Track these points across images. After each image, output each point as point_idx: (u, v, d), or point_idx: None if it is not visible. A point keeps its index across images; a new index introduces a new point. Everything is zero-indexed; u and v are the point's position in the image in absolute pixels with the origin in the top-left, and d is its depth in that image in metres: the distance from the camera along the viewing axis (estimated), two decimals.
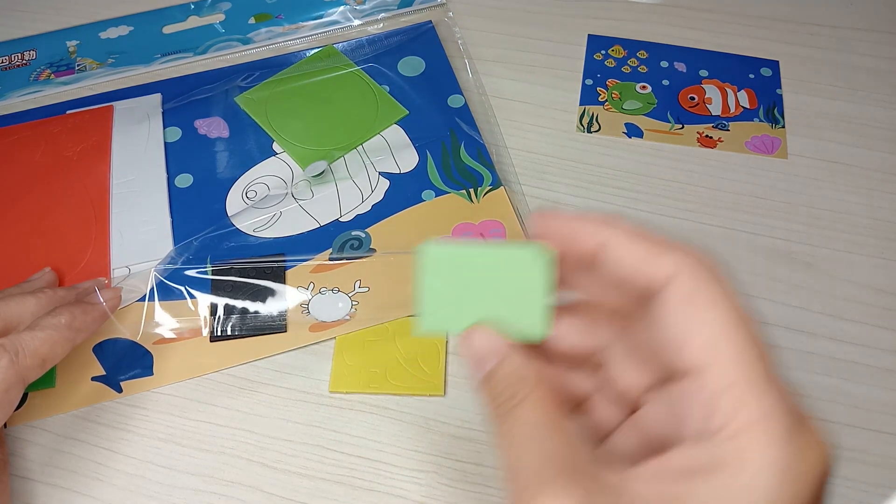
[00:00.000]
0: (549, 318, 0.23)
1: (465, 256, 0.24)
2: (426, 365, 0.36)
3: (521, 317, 0.23)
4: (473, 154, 0.42)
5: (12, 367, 0.29)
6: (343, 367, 0.36)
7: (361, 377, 0.35)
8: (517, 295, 0.23)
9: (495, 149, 0.43)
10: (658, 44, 0.48)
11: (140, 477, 0.33)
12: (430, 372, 0.35)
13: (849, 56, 0.47)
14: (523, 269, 0.23)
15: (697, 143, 0.44)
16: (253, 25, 0.49)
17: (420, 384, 0.35)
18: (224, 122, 0.45)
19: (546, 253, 0.22)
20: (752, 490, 0.17)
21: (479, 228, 0.40)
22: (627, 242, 0.20)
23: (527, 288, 0.23)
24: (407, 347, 0.36)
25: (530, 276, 0.23)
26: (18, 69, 0.48)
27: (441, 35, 0.48)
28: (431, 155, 0.43)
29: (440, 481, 0.33)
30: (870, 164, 0.43)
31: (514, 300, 0.23)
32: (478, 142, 0.43)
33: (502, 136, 0.44)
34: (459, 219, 0.40)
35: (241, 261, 0.38)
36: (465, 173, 0.42)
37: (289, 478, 0.33)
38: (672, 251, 0.20)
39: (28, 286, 0.36)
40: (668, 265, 0.19)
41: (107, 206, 0.41)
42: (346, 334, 0.36)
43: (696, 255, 0.20)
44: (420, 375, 0.35)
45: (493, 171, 0.42)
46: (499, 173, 0.42)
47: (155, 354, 0.36)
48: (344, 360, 0.36)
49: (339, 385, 0.35)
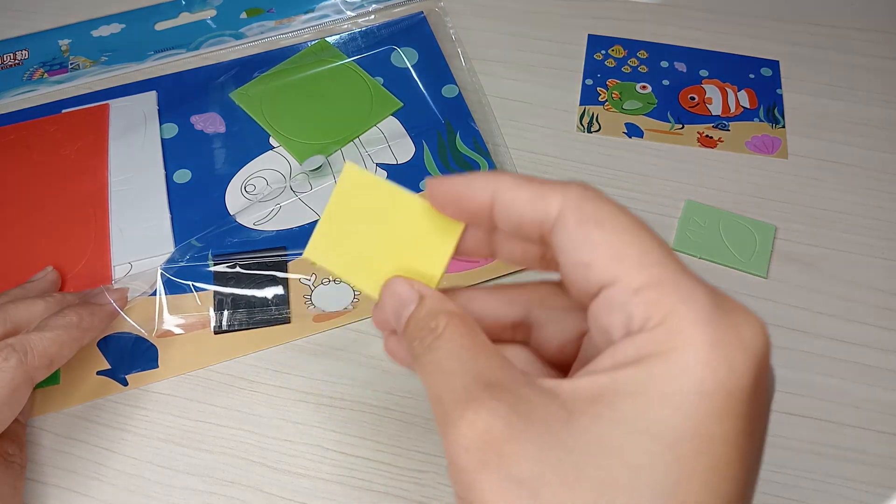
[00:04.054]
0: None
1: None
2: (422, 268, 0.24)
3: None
4: (469, 143, 0.43)
5: (21, 366, 0.29)
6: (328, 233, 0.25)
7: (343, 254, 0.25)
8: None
9: (493, 146, 0.43)
10: (658, 44, 0.48)
11: (139, 477, 0.33)
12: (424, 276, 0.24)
13: (849, 56, 0.48)
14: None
15: (698, 143, 0.44)
16: (245, 20, 0.49)
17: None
18: (220, 117, 0.45)
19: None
20: (687, 370, 0.17)
21: None
22: (514, 188, 0.20)
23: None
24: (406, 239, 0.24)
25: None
26: (11, 69, 0.48)
27: (433, 25, 0.48)
28: (428, 145, 0.43)
29: (440, 481, 0.33)
30: (870, 164, 0.43)
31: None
32: (473, 130, 0.43)
33: (499, 127, 0.44)
34: None
35: (244, 254, 0.38)
36: (462, 162, 0.42)
37: (288, 478, 0.33)
38: (557, 187, 0.20)
39: (32, 286, 0.36)
40: (555, 199, 0.19)
41: (105, 204, 0.41)
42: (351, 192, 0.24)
43: (580, 185, 0.20)
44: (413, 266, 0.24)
45: (490, 158, 0.42)
46: (495, 161, 0.42)
47: (160, 347, 0.36)
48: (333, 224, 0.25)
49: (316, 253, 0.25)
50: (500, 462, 0.17)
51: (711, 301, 0.17)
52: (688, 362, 0.17)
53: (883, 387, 0.36)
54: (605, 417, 0.17)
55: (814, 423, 0.35)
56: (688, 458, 0.16)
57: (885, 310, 0.38)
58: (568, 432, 0.17)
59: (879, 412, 0.35)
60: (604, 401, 0.17)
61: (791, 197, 0.42)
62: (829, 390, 0.35)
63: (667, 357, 0.17)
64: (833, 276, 0.39)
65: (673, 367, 0.17)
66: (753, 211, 0.41)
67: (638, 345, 0.18)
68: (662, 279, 0.18)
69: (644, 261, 0.18)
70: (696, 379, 0.16)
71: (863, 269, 0.39)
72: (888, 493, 0.33)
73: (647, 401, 0.17)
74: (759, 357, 0.17)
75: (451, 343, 0.20)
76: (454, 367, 0.20)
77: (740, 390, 0.17)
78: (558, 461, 0.17)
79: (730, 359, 0.17)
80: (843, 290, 0.38)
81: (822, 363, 0.36)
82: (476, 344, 0.20)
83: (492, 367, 0.19)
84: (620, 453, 0.16)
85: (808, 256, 0.40)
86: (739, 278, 0.38)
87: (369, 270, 0.24)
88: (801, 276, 0.39)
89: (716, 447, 0.16)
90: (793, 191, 0.42)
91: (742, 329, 0.17)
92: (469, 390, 0.19)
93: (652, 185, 0.42)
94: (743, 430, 0.17)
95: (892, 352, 0.37)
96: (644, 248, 0.18)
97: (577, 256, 0.19)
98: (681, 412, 0.16)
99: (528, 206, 0.20)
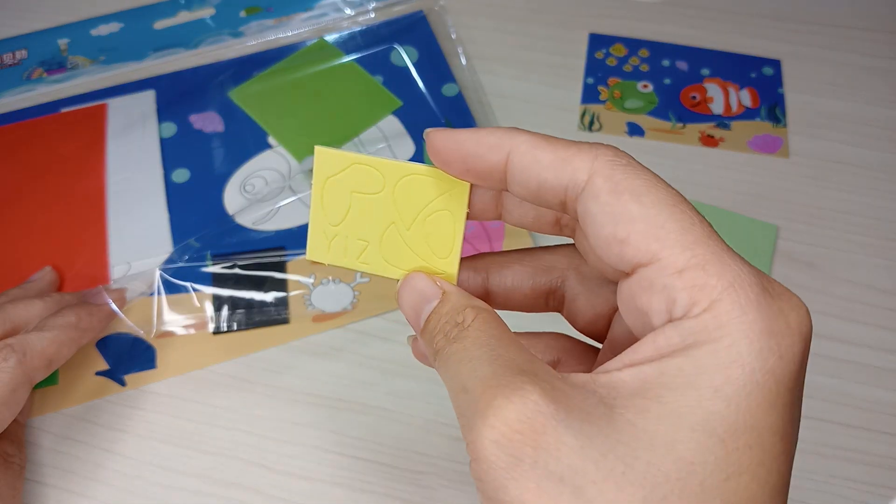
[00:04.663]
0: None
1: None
2: (435, 241, 0.23)
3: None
4: None
5: (20, 367, 0.29)
6: (323, 227, 0.23)
7: (347, 245, 0.23)
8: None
9: None
10: (660, 42, 0.48)
11: (138, 478, 0.33)
12: (439, 250, 0.22)
13: (851, 55, 0.47)
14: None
15: (699, 142, 0.44)
16: (244, 19, 0.49)
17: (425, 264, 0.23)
18: (219, 116, 0.45)
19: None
20: (738, 360, 0.16)
21: None
22: (534, 149, 0.18)
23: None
24: (409, 211, 0.22)
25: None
26: (10, 68, 0.47)
27: (433, 24, 0.48)
28: None
29: (440, 483, 0.33)
30: (871, 164, 0.43)
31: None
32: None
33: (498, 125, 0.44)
34: None
35: (242, 255, 0.38)
36: None
37: (287, 479, 0.33)
38: (584, 149, 0.18)
39: (30, 286, 0.36)
40: (583, 164, 0.18)
41: (104, 203, 0.41)
42: (332, 177, 0.22)
43: (611, 148, 0.18)
44: (425, 254, 0.23)
45: None
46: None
47: (158, 348, 0.36)
48: (325, 217, 0.23)
49: (319, 252, 0.23)
50: (537, 456, 0.16)
51: (759, 285, 0.16)
52: (738, 352, 0.16)
53: (884, 387, 0.35)
54: (653, 411, 0.16)
55: (815, 423, 0.34)
56: (739, 452, 0.15)
57: (886, 310, 0.38)
58: (611, 426, 0.16)
59: (881, 412, 0.35)
60: (650, 394, 0.16)
61: (792, 196, 0.41)
62: (830, 390, 0.35)
63: (716, 346, 0.16)
64: (834, 276, 0.39)
65: (723, 357, 0.16)
66: (755, 211, 0.41)
67: (683, 332, 0.16)
68: (707, 260, 0.16)
69: (686, 239, 0.17)
70: (748, 369, 0.16)
71: (864, 268, 0.39)
72: (890, 494, 0.33)
73: (697, 393, 0.16)
74: (805, 343, 0.16)
75: (480, 332, 0.18)
76: (482, 354, 0.18)
77: (788, 378, 0.16)
78: (602, 456, 0.15)
79: (779, 346, 0.16)
80: (844, 290, 0.38)
81: (823, 363, 0.36)
82: (506, 335, 0.18)
83: (524, 357, 0.18)
84: (670, 448, 0.15)
85: (810, 256, 0.39)
86: None
87: (380, 254, 0.22)
88: (802, 275, 0.39)
89: (765, 439, 0.16)
90: (794, 190, 0.42)
91: (789, 315, 0.16)
92: (499, 375, 0.17)
93: None
94: (790, 418, 0.16)
95: (893, 352, 0.36)
96: (685, 224, 0.17)
97: (610, 230, 0.17)
98: (733, 404, 0.16)
99: (549, 170, 0.18)
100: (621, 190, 0.17)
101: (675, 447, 0.15)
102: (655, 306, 0.17)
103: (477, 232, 0.39)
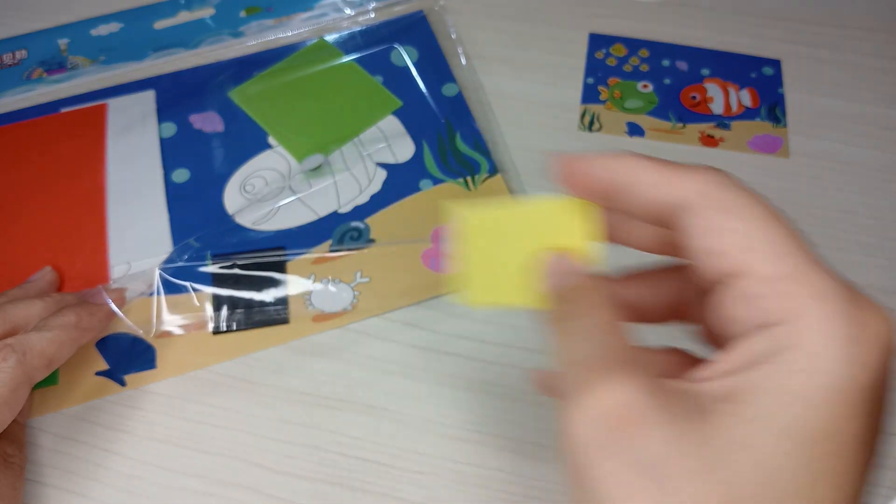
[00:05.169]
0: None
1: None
2: None
3: None
4: (469, 142, 0.42)
5: (20, 367, 0.29)
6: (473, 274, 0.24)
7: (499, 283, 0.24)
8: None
9: (493, 145, 0.43)
10: (660, 42, 0.48)
11: (138, 478, 0.33)
12: None
13: (851, 55, 0.47)
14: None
15: (699, 142, 0.44)
16: (244, 19, 0.49)
17: None
18: (219, 116, 0.45)
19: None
20: (822, 367, 0.16)
21: None
22: (643, 170, 0.20)
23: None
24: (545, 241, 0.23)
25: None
26: (10, 68, 0.47)
27: (433, 24, 0.48)
28: (428, 144, 0.43)
29: (439, 483, 0.33)
30: (872, 164, 0.43)
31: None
32: (473, 129, 0.43)
33: (499, 126, 0.44)
34: None
35: (242, 254, 0.38)
36: (462, 161, 0.42)
37: (287, 479, 0.33)
38: (693, 171, 0.20)
39: (30, 287, 0.36)
40: (689, 184, 0.19)
41: (103, 203, 0.41)
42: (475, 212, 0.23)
43: (714, 170, 0.20)
44: None
45: (490, 158, 0.42)
46: (495, 160, 0.42)
47: (158, 348, 0.36)
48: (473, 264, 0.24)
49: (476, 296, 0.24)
50: (627, 443, 0.17)
51: (844, 296, 0.17)
52: (823, 359, 0.16)
53: None
54: (740, 415, 0.17)
55: None
56: (820, 458, 0.16)
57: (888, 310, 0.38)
58: (699, 426, 0.17)
59: None
60: (738, 398, 0.17)
61: (792, 196, 0.41)
62: None
63: (801, 354, 0.17)
64: None
65: (808, 365, 0.17)
66: None
67: (771, 340, 0.17)
68: (794, 271, 0.17)
69: (776, 251, 0.18)
70: (832, 376, 0.16)
71: (865, 269, 0.39)
72: (890, 494, 0.33)
73: (781, 399, 0.16)
74: (889, 352, 0.17)
75: (602, 317, 0.20)
76: (599, 336, 0.19)
77: (871, 387, 0.17)
78: (689, 453, 0.16)
79: (863, 355, 0.17)
80: None
81: None
82: (619, 327, 0.20)
83: (632, 351, 0.19)
84: (754, 452, 0.16)
85: None
86: None
87: (528, 284, 0.23)
88: None
89: (846, 447, 0.16)
90: (794, 190, 0.42)
91: (873, 324, 0.17)
92: (607, 360, 0.18)
93: None
94: (871, 427, 0.17)
95: None
96: (776, 238, 0.18)
97: (707, 244, 0.19)
98: (816, 410, 0.16)
99: (657, 189, 0.20)
100: (721, 207, 0.19)
101: (758, 451, 0.16)
102: (745, 315, 0.18)
103: None
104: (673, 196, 0.19)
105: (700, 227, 0.19)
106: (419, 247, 0.39)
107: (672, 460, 0.16)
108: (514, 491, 0.32)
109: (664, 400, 0.17)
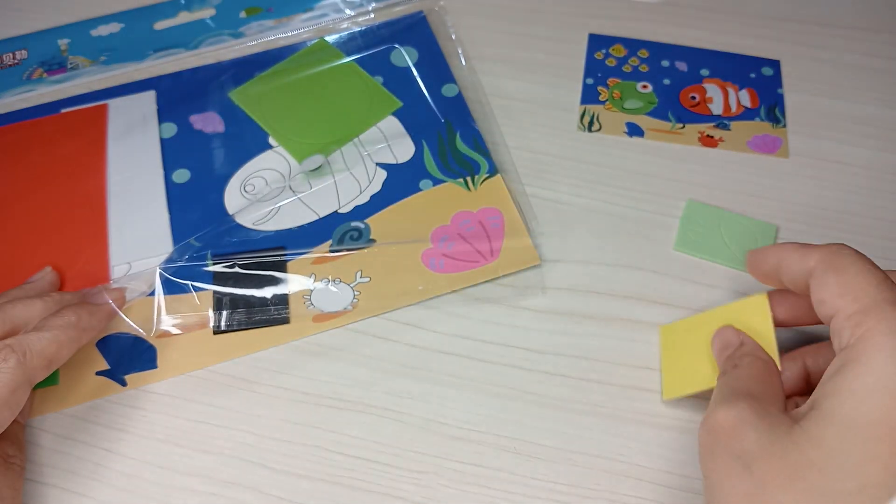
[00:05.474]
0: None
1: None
2: None
3: None
4: (469, 142, 0.42)
5: (20, 367, 0.29)
6: (672, 371, 0.33)
7: (692, 375, 0.32)
8: None
9: (493, 146, 0.43)
10: (659, 43, 0.48)
11: (138, 478, 0.33)
12: None
13: (850, 55, 0.47)
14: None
15: (699, 142, 0.44)
16: (244, 19, 0.49)
17: None
18: (219, 117, 0.45)
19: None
20: (877, 371, 0.22)
21: (478, 216, 0.40)
22: (792, 251, 0.28)
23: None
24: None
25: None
26: (10, 69, 0.48)
27: (433, 24, 0.48)
28: (427, 144, 0.43)
29: (440, 482, 0.33)
30: (872, 164, 0.43)
31: None
32: (474, 129, 0.43)
33: (499, 126, 0.44)
34: (457, 207, 0.40)
35: (243, 254, 0.38)
36: (462, 162, 0.42)
37: (288, 479, 0.33)
38: (821, 246, 0.27)
39: (31, 287, 0.36)
40: (818, 253, 0.26)
41: (104, 204, 0.41)
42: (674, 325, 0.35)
43: (839, 244, 0.27)
44: None
45: (490, 158, 0.42)
46: (495, 161, 0.42)
47: (158, 348, 0.36)
48: (671, 364, 0.34)
49: (673, 390, 0.33)
50: (727, 443, 0.24)
51: None
52: (878, 365, 0.22)
53: None
54: (812, 416, 0.23)
55: None
56: (872, 441, 0.21)
57: None
58: (788, 429, 0.24)
59: None
60: (815, 405, 0.24)
61: (792, 197, 0.41)
62: None
63: (862, 363, 0.23)
64: None
65: (865, 370, 0.22)
66: (754, 210, 0.41)
67: (842, 357, 0.24)
68: (869, 307, 0.24)
69: (859, 295, 0.24)
70: (885, 379, 0.22)
71: None
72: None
73: (842, 398, 0.23)
74: None
75: (749, 371, 0.28)
76: (740, 382, 0.27)
77: None
78: (772, 445, 0.23)
79: None
80: None
81: None
82: (762, 376, 0.28)
83: (761, 388, 0.27)
84: (820, 441, 0.22)
85: None
86: (740, 278, 0.38)
87: (712, 371, 0.31)
88: None
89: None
90: (794, 190, 0.42)
91: None
92: (735, 394, 0.26)
93: (653, 185, 0.42)
94: None
95: None
96: (863, 284, 0.24)
97: (817, 295, 0.26)
98: (872, 405, 0.22)
99: (798, 263, 0.27)
100: (830, 268, 0.26)
101: (822, 439, 0.22)
102: (835, 346, 0.25)
103: (476, 231, 0.39)
104: (805, 266, 0.27)
105: (815, 285, 0.26)
106: (419, 247, 0.39)
107: (759, 451, 0.23)
108: (514, 491, 0.32)
109: (766, 415, 0.24)
